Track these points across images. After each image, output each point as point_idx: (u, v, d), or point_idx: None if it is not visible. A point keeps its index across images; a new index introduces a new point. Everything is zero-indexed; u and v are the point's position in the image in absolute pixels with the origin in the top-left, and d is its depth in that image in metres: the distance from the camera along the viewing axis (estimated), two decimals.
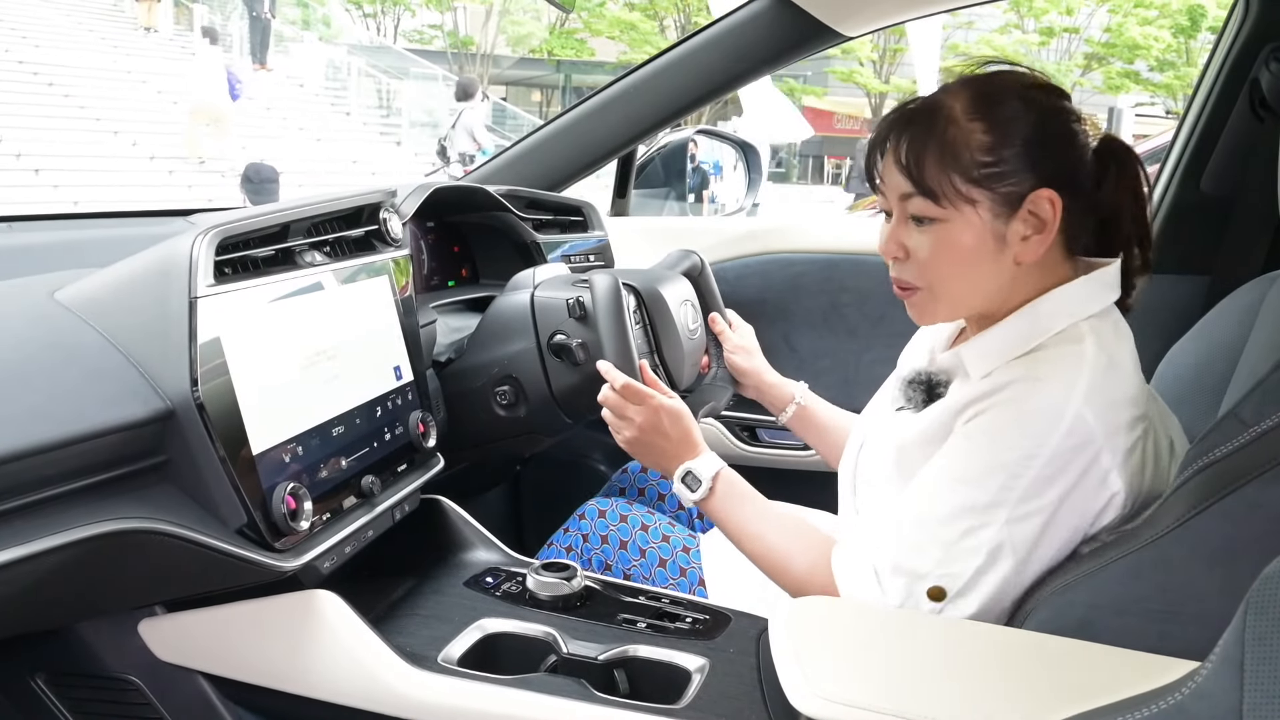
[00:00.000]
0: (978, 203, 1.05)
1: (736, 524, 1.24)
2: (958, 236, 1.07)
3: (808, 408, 1.57)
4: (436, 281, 1.77)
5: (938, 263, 1.09)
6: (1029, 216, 1.05)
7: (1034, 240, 1.06)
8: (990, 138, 1.05)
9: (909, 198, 1.08)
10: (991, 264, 1.08)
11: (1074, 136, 1.08)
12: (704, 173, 2.87)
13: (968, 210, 1.05)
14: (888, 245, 1.12)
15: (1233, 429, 0.91)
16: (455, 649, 1.11)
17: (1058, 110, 1.08)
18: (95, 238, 1.40)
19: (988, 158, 1.04)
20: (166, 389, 0.97)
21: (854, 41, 2.05)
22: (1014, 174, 1.05)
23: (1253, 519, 0.88)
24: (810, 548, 1.18)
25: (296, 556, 1.04)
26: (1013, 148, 1.05)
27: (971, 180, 1.05)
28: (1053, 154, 1.06)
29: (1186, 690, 0.64)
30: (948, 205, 1.06)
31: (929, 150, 1.05)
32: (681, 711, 0.99)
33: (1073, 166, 1.07)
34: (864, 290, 2.05)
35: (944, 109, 1.07)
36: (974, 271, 1.08)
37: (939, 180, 1.05)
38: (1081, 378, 1.01)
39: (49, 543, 0.85)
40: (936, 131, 1.06)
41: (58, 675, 1.19)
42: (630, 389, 1.30)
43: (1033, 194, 1.05)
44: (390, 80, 16.29)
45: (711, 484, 1.25)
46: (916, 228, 1.09)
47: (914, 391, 1.20)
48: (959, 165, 1.05)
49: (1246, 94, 1.81)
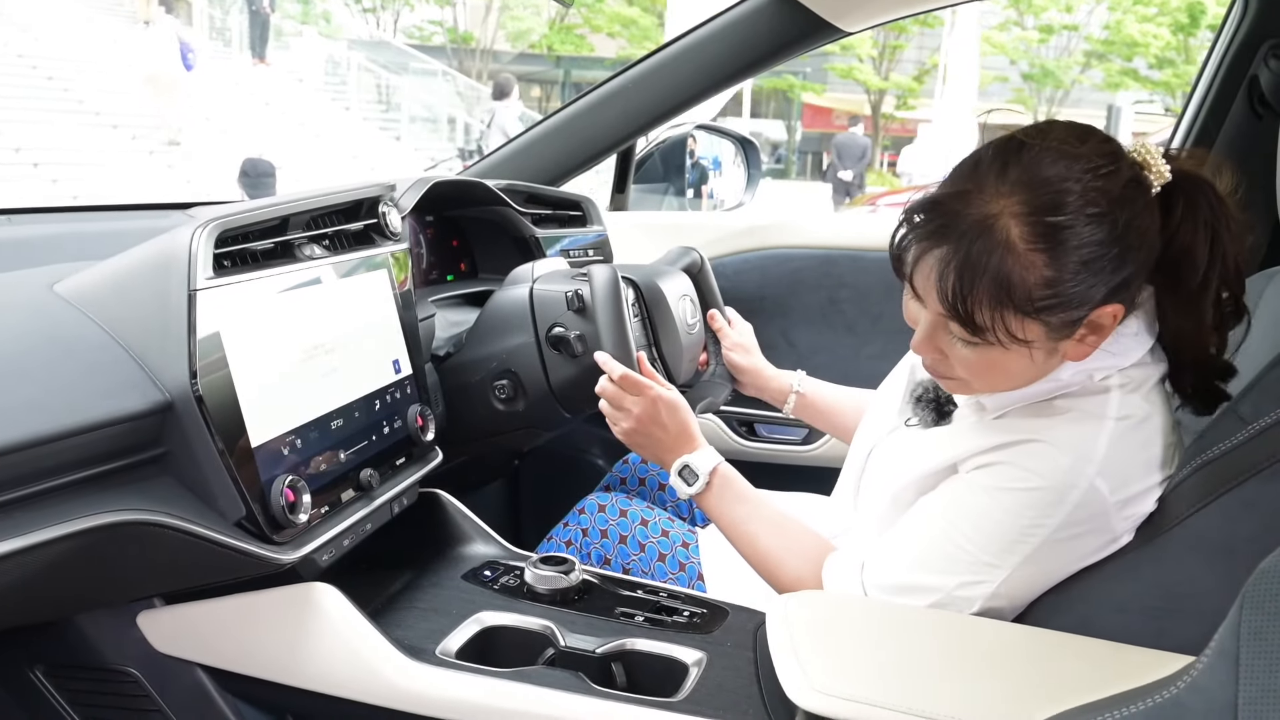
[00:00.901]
0: (1033, 341, 0.94)
1: (731, 521, 1.24)
2: (1003, 360, 0.97)
3: (807, 394, 1.58)
4: (435, 276, 1.77)
5: (979, 371, 1.00)
6: (1087, 327, 0.96)
7: (1089, 341, 0.97)
8: (1053, 272, 0.91)
9: (947, 319, 0.96)
10: (1040, 369, 0.99)
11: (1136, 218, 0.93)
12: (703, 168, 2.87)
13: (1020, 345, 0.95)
14: (923, 349, 1.02)
15: (1231, 426, 0.91)
16: (453, 642, 1.11)
17: (1118, 199, 0.92)
18: (94, 231, 1.40)
19: (1047, 291, 0.92)
20: (165, 381, 0.97)
21: (854, 38, 2.05)
22: (1076, 302, 0.93)
23: (1251, 516, 0.88)
24: (802, 554, 1.18)
25: (295, 549, 1.04)
26: (1077, 275, 0.92)
27: (1026, 314, 0.93)
28: (1121, 268, 0.93)
29: (1182, 684, 0.64)
30: (997, 342, 0.94)
31: (980, 285, 0.91)
32: (679, 705, 1.00)
33: (1136, 261, 0.94)
34: (862, 286, 2.05)
35: (999, 233, 0.91)
36: (1020, 379, 1.00)
37: (990, 319, 0.93)
38: (1099, 445, 0.97)
39: (48, 534, 0.85)
40: (991, 264, 0.91)
41: (56, 667, 1.19)
42: (628, 379, 1.30)
43: (1094, 313, 0.95)
44: (389, 75, 16.26)
45: (709, 479, 1.25)
46: (959, 340, 0.98)
47: (923, 410, 1.17)
48: (1014, 301, 0.92)
49: (1245, 91, 1.81)
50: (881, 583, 1.07)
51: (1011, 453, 1.00)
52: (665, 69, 1.93)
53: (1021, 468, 0.99)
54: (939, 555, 1.04)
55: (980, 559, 1.01)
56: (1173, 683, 0.64)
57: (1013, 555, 1.00)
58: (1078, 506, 0.97)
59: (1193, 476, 0.93)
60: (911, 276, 0.99)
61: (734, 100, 13.41)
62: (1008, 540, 1.00)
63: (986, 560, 1.01)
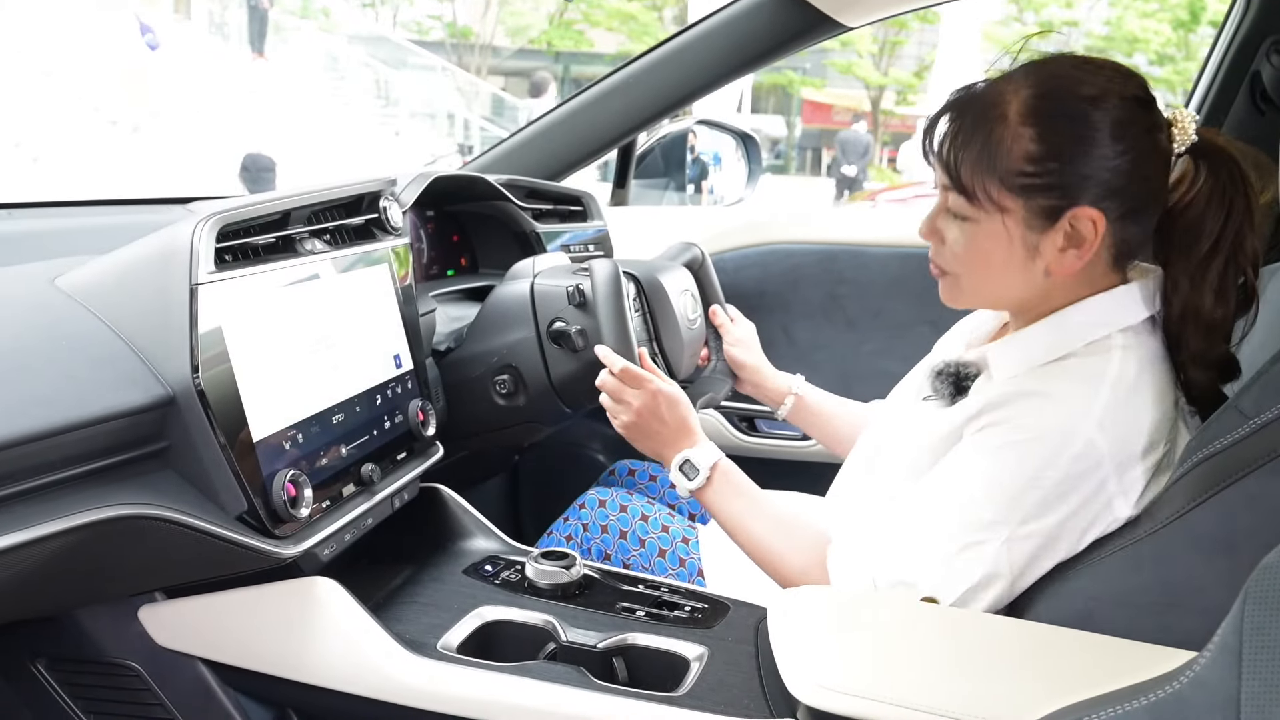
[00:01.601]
0: (1009, 211, 1.01)
1: (732, 517, 1.24)
2: (985, 240, 1.03)
3: (805, 399, 1.57)
4: (436, 271, 1.76)
5: (965, 259, 1.06)
6: (1069, 230, 1.00)
7: (1070, 255, 1.01)
8: (1038, 147, 0.98)
9: (948, 189, 1.04)
10: (1020, 271, 1.04)
11: (1141, 155, 0.99)
12: (704, 163, 2.86)
13: (999, 217, 1.01)
14: (923, 227, 1.10)
15: (1233, 421, 0.91)
16: (454, 637, 1.11)
17: (1127, 123, 0.99)
18: (95, 225, 1.40)
19: (1029, 168, 0.99)
20: (167, 375, 0.97)
21: (854, 34, 2.05)
22: (1056, 189, 0.99)
23: (1252, 511, 0.88)
24: (805, 546, 1.18)
25: (296, 543, 1.04)
26: (1060, 161, 0.98)
27: (1007, 188, 1.00)
28: (1105, 173, 0.98)
29: (1185, 679, 0.64)
30: (978, 207, 1.02)
31: (970, 148, 1.01)
32: (680, 700, 1.00)
33: (1129, 185, 0.99)
34: (863, 282, 2.05)
35: (999, 106, 1.00)
36: (1001, 275, 1.05)
37: (974, 181, 1.01)
38: (1099, 399, 0.98)
39: (49, 528, 0.85)
40: (983, 130, 1.00)
41: (58, 661, 1.19)
42: (628, 372, 1.30)
43: (1073, 210, 0.99)
44: (389, 70, 16.25)
45: (709, 474, 1.25)
46: (953, 219, 1.06)
47: (941, 383, 1.17)
48: (996, 171, 1.00)
49: (1247, 87, 1.81)
50: (886, 558, 1.07)
51: (1010, 410, 1.02)
52: (666, 64, 1.93)
53: (1018, 423, 1.00)
54: (943, 520, 1.04)
55: (982, 517, 1.00)
56: (1175, 678, 0.64)
57: (1014, 511, 0.99)
58: (1076, 459, 0.97)
59: (1194, 471, 0.93)
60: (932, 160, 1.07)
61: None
62: (1008, 496, 0.99)
63: (988, 518, 1.00)
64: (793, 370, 1.62)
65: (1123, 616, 0.95)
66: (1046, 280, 1.05)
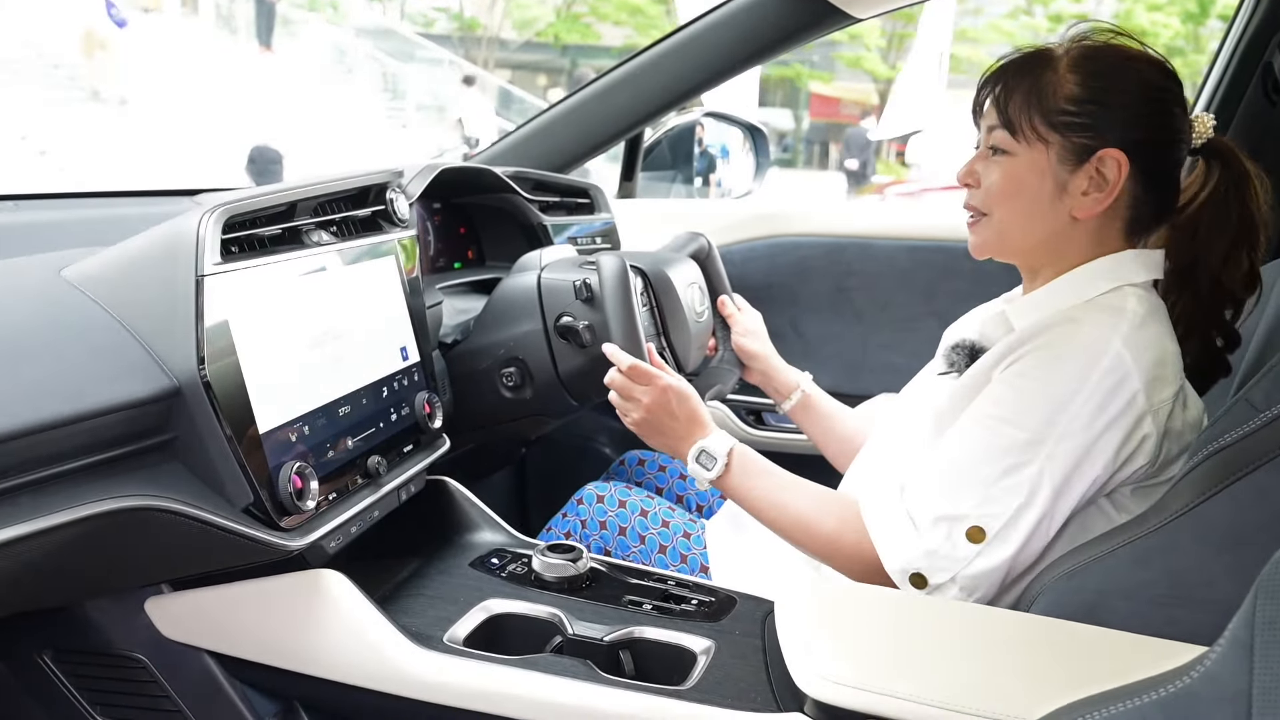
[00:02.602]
0: (1050, 144, 1.11)
1: (758, 497, 1.23)
2: (1023, 172, 1.13)
3: (812, 396, 1.58)
4: (443, 263, 1.76)
5: (1000, 192, 1.15)
6: (1095, 174, 1.10)
7: (1093, 198, 1.11)
8: (1080, 90, 1.10)
9: (994, 129, 1.14)
10: (1048, 208, 1.13)
11: (1166, 116, 1.12)
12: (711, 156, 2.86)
13: (1039, 149, 1.12)
14: (961, 171, 1.19)
15: (1243, 414, 0.91)
16: (461, 629, 1.11)
17: (1159, 88, 1.12)
18: (101, 216, 1.40)
19: (1071, 107, 1.10)
20: (173, 367, 0.96)
21: (861, 27, 2.04)
22: (1091, 128, 1.10)
23: (1262, 504, 0.88)
24: (836, 506, 1.18)
25: (302, 536, 1.04)
26: (1098, 104, 1.10)
27: (1049, 124, 1.11)
28: (1135, 120, 1.10)
29: (1195, 674, 0.63)
30: (1022, 140, 1.12)
31: (1020, 88, 1.12)
32: (687, 693, 0.99)
33: (1153, 139, 1.11)
34: (870, 274, 2.04)
35: (1050, 59, 1.13)
36: (1030, 210, 1.14)
37: (1020, 115, 1.12)
38: (1122, 325, 1.05)
39: (55, 519, 0.85)
40: (1034, 74, 1.12)
41: (64, 652, 1.20)
42: (637, 370, 1.30)
43: (1102, 150, 1.09)
44: (395, 63, 16.23)
45: (727, 461, 1.24)
46: (992, 158, 1.15)
47: (957, 355, 1.21)
48: (1042, 107, 1.11)
49: (1259, 79, 1.80)
50: (925, 497, 1.07)
51: (1038, 340, 1.07)
52: (674, 56, 1.93)
53: (1051, 347, 1.06)
54: (980, 449, 1.06)
55: (1018, 439, 1.04)
56: (1186, 672, 0.64)
57: (1051, 428, 1.03)
58: (1107, 372, 1.02)
59: (1204, 464, 0.93)
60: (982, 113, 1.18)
61: None
62: (1044, 413, 1.03)
63: (1025, 438, 1.03)
64: (800, 363, 1.62)
65: (1131, 611, 0.94)
66: (1069, 226, 1.13)
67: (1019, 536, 1.03)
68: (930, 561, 1.05)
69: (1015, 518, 1.03)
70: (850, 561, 1.13)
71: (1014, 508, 1.03)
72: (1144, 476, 1.07)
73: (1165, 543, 0.94)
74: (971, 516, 1.04)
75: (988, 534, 1.03)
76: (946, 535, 1.05)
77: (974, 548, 1.04)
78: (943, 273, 1.94)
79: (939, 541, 1.05)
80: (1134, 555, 0.96)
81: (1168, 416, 1.06)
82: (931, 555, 1.05)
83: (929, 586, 1.06)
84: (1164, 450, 1.06)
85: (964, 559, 1.04)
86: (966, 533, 1.04)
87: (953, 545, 1.04)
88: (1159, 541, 0.94)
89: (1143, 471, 1.06)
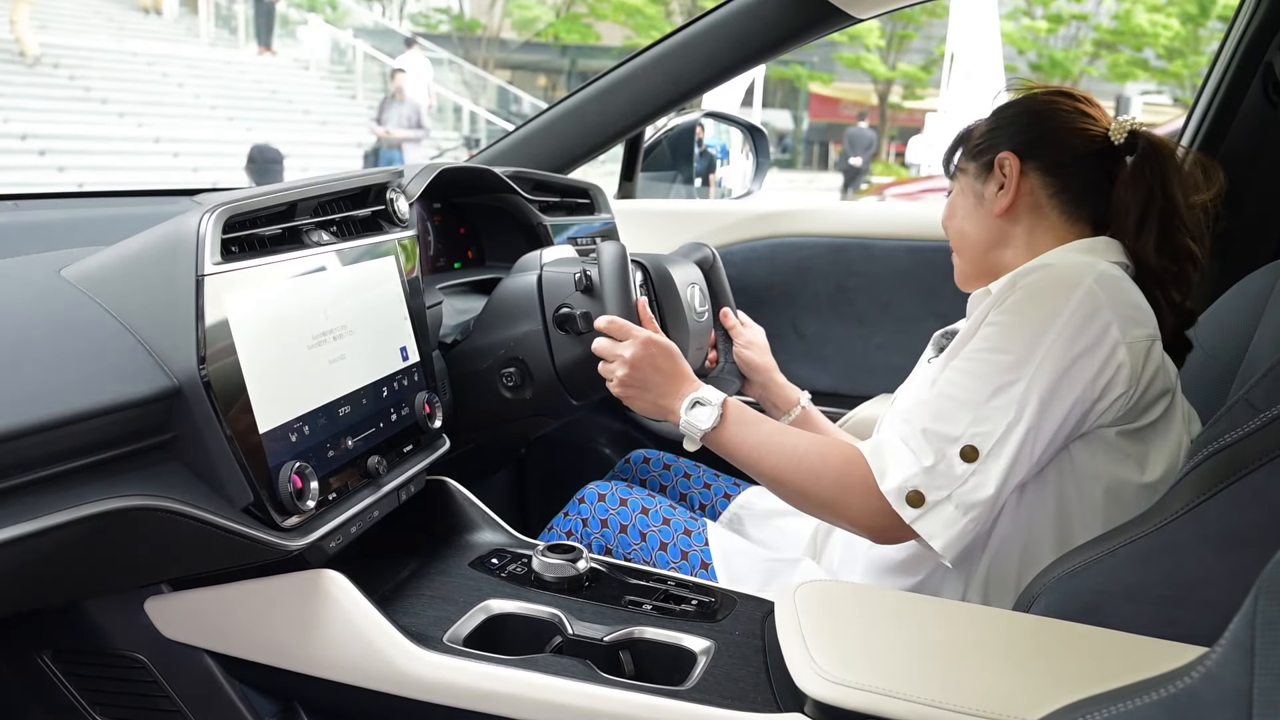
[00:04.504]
0: (966, 170, 1.34)
1: (754, 447, 1.22)
2: (957, 198, 1.36)
3: (810, 414, 1.61)
4: (443, 263, 1.76)
5: (950, 222, 1.37)
6: (1000, 176, 1.28)
7: (1001, 195, 1.28)
8: (986, 124, 1.34)
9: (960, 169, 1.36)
10: (976, 217, 1.32)
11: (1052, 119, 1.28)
12: (711, 156, 2.85)
13: (962, 178, 1.35)
14: (946, 211, 1.38)
15: (1243, 415, 0.91)
16: (461, 629, 1.11)
17: (1045, 102, 1.30)
18: (101, 216, 1.39)
19: (980, 140, 1.33)
20: (173, 366, 0.96)
21: (861, 27, 2.04)
22: (992, 147, 1.30)
23: (1262, 505, 0.88)
24: (837, 448, 1.17)
25: (302, 536, 1.04)
26: (998, 129, 1.31)
27: (968, 155, 1.34)
28: (1024, 129, 1.29)
29: (1196, 674, 0.63)
30: (954, 180, 1.37)
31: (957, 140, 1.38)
32: (687, 693, 0.99)
33: (1040, 137, 1.27)
34: (871, 275, 2.04)
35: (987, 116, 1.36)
36: (966, 223, 1.33)
37: (952, 159, 1.39)
38: (1096, 268, 1.13)
39: (55, 520, 0.85)
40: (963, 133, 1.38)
41: (64, 652, 1.20)
42: (615, 324, 1.30)
43: (997, 156, 1.28)
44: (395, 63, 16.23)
45: (721, 410, 1.23)
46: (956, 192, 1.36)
47: (946, 340, 1.29)
48: (966, 149, 1.36)
49: (1260, 80, 1.80)
50: (920, 421, 1.10)
51: (1023, 281, 1.14)
52: (673, 56, 1.92)
53: (1029, 288, 1.12)
54: (969, 376, 1.10)
55: (1004, 362, 1.09)
56: (1186, 673, 0.64)
57: (1034, 348, 1.08)
58: (1082, 301, 1.09)
59: (1204, 464, 0.93)
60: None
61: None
62: (1027, 335, 1.09)
63: (1010, 360, 1.08)
64: (800, 363, 1.63)
65: (1130, 611, 0.94)
66: (1002, 225, 1.29)
67: (1009, 452, 1.06)
68: (927, 479, 1.07)
69: (1006, 434, 1.07)
70: (854, 497, 1.12)
71: (1004, 425, 1.07)
72: (1123, 412, 1.10)
73: (1166, 543, 0.94)
74: (965, 436, 1.07)
75: (980, 452, 1.06)
76: (941, 454, 1.07)
77: (969, 466, 1.06)
78: (944, 273, 1.93)
79: (934, 460, 1.07)
80: (1134, 555, 0.96)
81: (1144, 355, 1.10)
82: (928, 473, 1.07)
83: (926, 504, 1.07)
84: (1141, 385, 1.10)
85: (960, 477, 1.07)
86: (961, 451, 1.07)
87: (948, 464, 1.07)
88: (1160, 541, 0.94)
89: (1121, 403, 1.09)
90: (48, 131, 10.72)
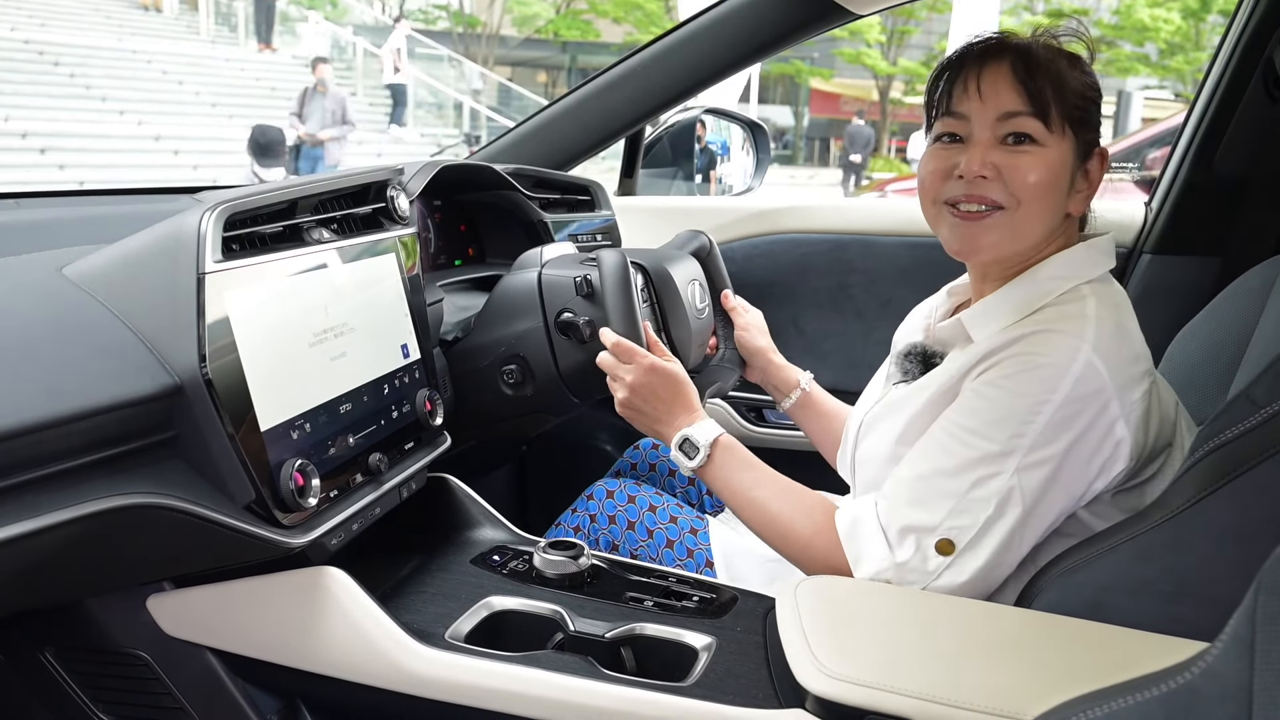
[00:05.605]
0: (1068, 139, 1.10)
1: (737, 490, 1.22)
2: (1056, 165, 1.09)
3: (812, 394, 1.57)
4: (443, 260, 1.76)
5: (1037, 184, 1.08)
6: (1086, 170, 1.12)
7: (1082, 195, 1.13)
8: (1083, 87, 1.11)
9: (1013, 117, 1.09)
10: (1059, 204, 1.11)
11: None
12: (712, 153, 2.85)
13: (1066, 142, 1.09)
14: (975, 164, 1.10)
15: (1244, 410, 0.90)
16: (462, 626, 1.11)
17: None
18: (102, 214, 1.39)
19: (1080, 102, 1.10)
20: (174, 365, 0.96)
21: (861, 23, 2.04)
22: (1093, 127, 1.11)
23: (1263, 500, 0.87)
24: (813, 512, 1.17)
25: (304, 533, 1.04)
26: (1093, 103, 1.12)
27: (1068, 118, 1.09)
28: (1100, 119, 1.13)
29: (1196, 670, 0.63)
30: (1055, 131, 1.09)
31: (1046, 75, 1.08)
32: (688, 689, 0.99)
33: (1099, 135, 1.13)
34: (872, 271, 2.04)
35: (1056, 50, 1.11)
36: (1051, 202, 1.10)
37: (1053, 105, 1.08)
38: (1089, 329, 1.03)
39: (57, 518, 0.85)
40: (1053, 63, 1.09)
41: (67, 650, 1.20)
42: (620, 346, 1.30)
43: (1097, 149, 1.13)
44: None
45: (709, 451, 1.24)
46: (1012, 148, 1.09)
47: (910, 364, 1.21)
48: (1065, 100, 1.09)
49: (1260, 75, 1.80)
50: (896, 508, 1.07)
51: (1010, 350, 1.05)
52: (674, 53, 1.92)
53: (1025, 354, 1.04)
54: (950, 460, 1.04)
55: (990, 451, 1.02)
56: (1187, 668, 0.64)
57: (1022, 438, 1.01)
58: (1079, 381, 1.01)
59: (1205, 460, 0.93)
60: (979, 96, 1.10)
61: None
62: (1015, 423, 1.01)
63: (996, 450, 1.02)
64: (801, 359, 1.62)
65: (1132, 606, 0.94)
66: (1060, 223, 1.13)
67: (989, 547, 1.02)
68: (899, 574, 1.05)
69: (985, 529, 1.02)
70: (821, 569, 1.12)
71: (983, 519, 1.02)
72: (1125, 478, 1.07)
73: (1168, 539, 0.93)
74: (941, 529, 1.03)
75: (957, 546, 1.03)
76: (916, 547, 1.04)
77: (943, 560, 1.04)
78: (944, 269, 1.94)
79: (908, 554, 1.05)
80: (1136, 551, 0.96)
81: (1142, 415, 1.05)
82: (901, 568, 1.05)
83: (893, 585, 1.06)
84: (1145, 450, 1.06)
85: (933, 571, 1.04)
86: (936, 545, 1.04)
87: (923, 558, 1.04)
88: (1161, 537, 0.94)
89: (1122, 475, 1.06)
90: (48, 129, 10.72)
